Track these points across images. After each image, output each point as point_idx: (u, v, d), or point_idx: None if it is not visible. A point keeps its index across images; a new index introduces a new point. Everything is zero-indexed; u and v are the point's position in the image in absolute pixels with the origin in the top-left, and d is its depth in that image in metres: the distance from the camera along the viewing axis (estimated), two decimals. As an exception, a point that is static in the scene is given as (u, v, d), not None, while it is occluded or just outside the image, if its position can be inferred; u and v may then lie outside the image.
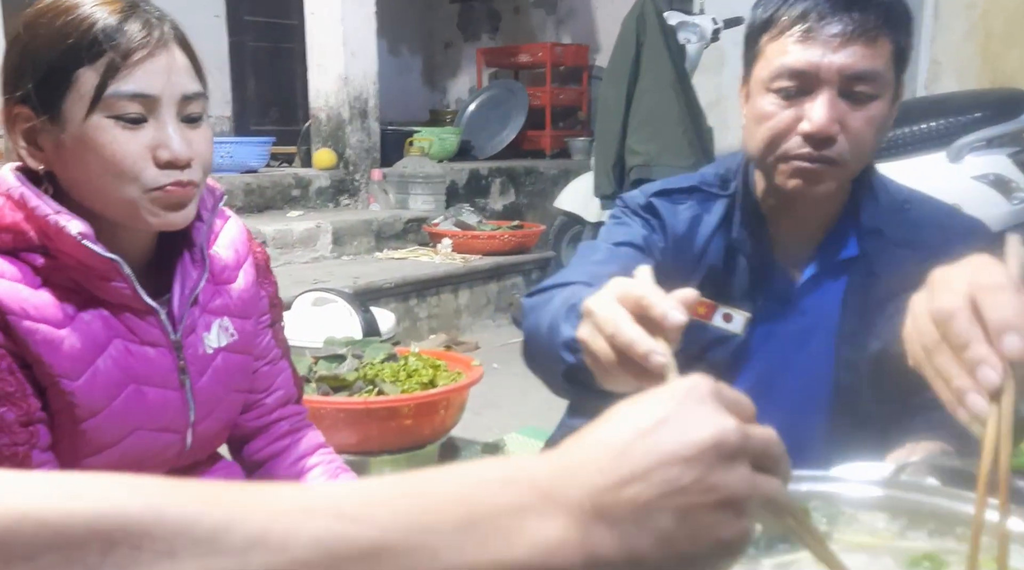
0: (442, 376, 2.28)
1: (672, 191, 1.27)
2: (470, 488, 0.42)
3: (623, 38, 3.64)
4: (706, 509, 0.42)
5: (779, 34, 1.11)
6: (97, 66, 0.93)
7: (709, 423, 0.43)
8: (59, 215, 0.95)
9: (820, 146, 1.09)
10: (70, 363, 0.97)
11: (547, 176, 5.65)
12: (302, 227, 4.00)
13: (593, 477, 0.42)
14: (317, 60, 4.73)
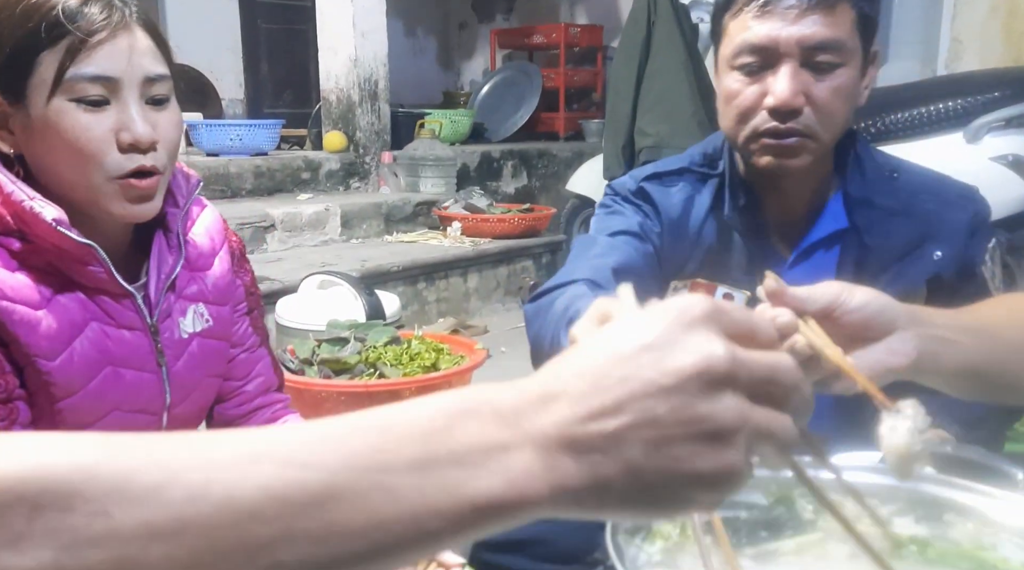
0: (445, 360, 2.26)
1: (662, 174, 1.27)
2: (427, 422, 0.39)
3: (634, 18, 3.59)
4: (683, 441, 0.39)
5: (738, 11, 1.11)
6: (57, 49, 0.93)
7: (694, 349, 0.39)
8: (34, 201, 0.95)
9: (786, 119, 1.09)
10: (47, 344, 0.98)
11: (560, 158, 5.60)
12: (311, 210, 3.99)
13: (563, 408, 0.39)
14: (327, 42, 4.71)
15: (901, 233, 1.18)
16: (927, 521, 0.77)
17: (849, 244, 1.19)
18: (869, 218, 1.18)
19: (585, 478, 0.39)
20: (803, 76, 1.08)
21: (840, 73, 1.09)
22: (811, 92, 1.09)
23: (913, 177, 1.23)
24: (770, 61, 1.09)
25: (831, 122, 1.11)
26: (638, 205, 1.25)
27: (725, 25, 1.14)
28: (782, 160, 1.12)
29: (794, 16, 1.07)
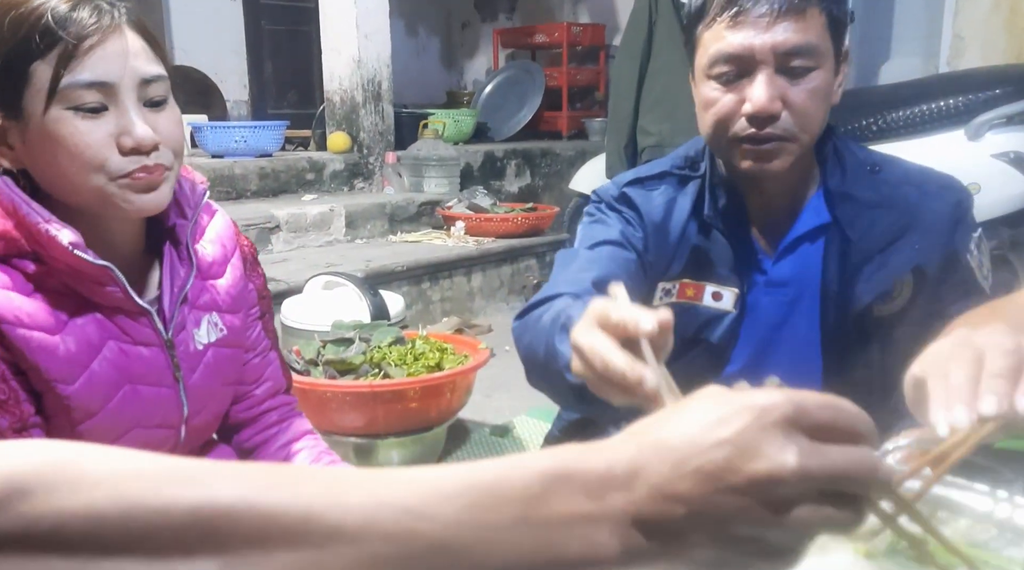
0: (449, 359, 2.28)
1: (644, 179, 1.29)
2: (526, 488, 0.44)
3: (635, 17, 3.59)
4: (743, 540, 0.43)
5: (711, 21, 1.13)
6: (50, 58, 0.91)
7: (767, 456, 0.42)
8: (50, 224, 0.94)
9: (764, 125, 1.11)
10: (65, 368, 0.97)
11: (564, 157, 5.61)
12: (316, 211, 4.01)
13: (641, 489, 0.43)
14: (331, 43, 4.72)
15: (883, 225, 1.20)
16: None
17: (832, 238, 1.21)
18: (851, 211, 1.20)
19: (654, 550, 0.44)
20: (779, 82, 1.10)
21: (814, 76, 1.11)
22: (787, 97, 1.11)
23: (894, 170, 1.25)
24: (746, 69, 1.11)
25: (808, 124, 1.13)
26: (620, 211, 1.27)
27: (699, 36, 1.16)
28: (763, 164, 1.14)
29: (766, 24, 1.08)
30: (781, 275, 1.24)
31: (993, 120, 3.09)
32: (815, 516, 0.43)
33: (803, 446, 0.43)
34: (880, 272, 1.19)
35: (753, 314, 1.24)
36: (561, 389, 0.99)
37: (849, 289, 1.20)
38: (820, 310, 1.22)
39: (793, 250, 1.23)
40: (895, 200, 1.20)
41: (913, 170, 1.26)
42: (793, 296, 1.24)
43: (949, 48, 4.79)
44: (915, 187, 1.22)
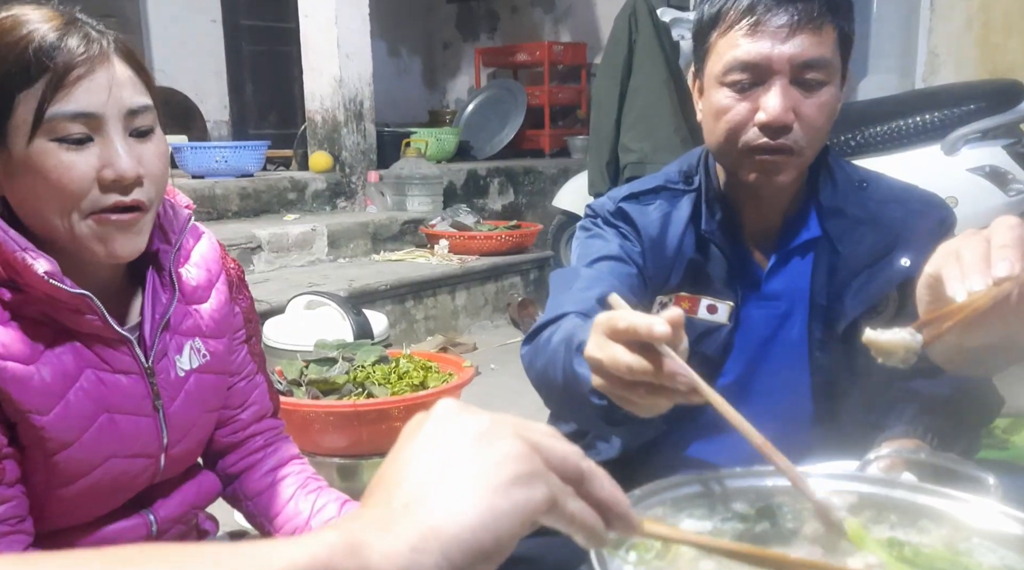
0: (433, 378, 2.27)
1: (639, 194, 1.29)
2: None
3: (615, 36, 3.63)
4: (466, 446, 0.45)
5: (728, 29, 1.13)
6: (36, 88, 0.89)
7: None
8: (26, 252, 0.92)
9: (776, 135, 1.12)
10: (40, 398, 0.95)
11: (546, 175, 5.64)
12: (297, 230, 4.00)
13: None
14: (312, 63, 4.73)
15: (870, 241, 1.21)
16: (902, 526, 0.79)
17: (822, 251, 1.22)
18: (840, 226, 1.21)
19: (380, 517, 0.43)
20: (792, 93, 1.11)
21: (825, 91, 1.12)
22: (800, 109, 1.11)
23: (881, 187, 1.26)
24: (761, 78, 1.11)
25: (816, 138, 1.14)
26: (617, 226, 1.27)
27: (713, 42, 1.16)
28: (770, 176, 1.15)
29: (785, 35, 1.09)
30: (773, 288, 1.25)
31: (968, 135, 3.14)
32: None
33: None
34: (867, 287, 1.20)
35: (746, 326, 1.24)
36: (587, 413, 0.98)
37: (837, 303, 1.21)
38: (808, 323, 1.23)
39: (785, 263, 1.24)
40: (881, 217, 1.22)
41: (898, 187, 1.28)
42: (785, 309, 1.25)
43: (924, 65, 4.87)
44: (900, 205, 1.24)
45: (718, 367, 1.25)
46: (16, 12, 0.93)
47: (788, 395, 1.26)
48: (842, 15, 1.13)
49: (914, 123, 3.25)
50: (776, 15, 1.10)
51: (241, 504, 1.25)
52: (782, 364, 1.25)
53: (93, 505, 1.05)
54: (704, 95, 1.20)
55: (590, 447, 1.36)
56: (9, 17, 0.93)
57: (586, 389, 0.93)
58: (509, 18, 7.25)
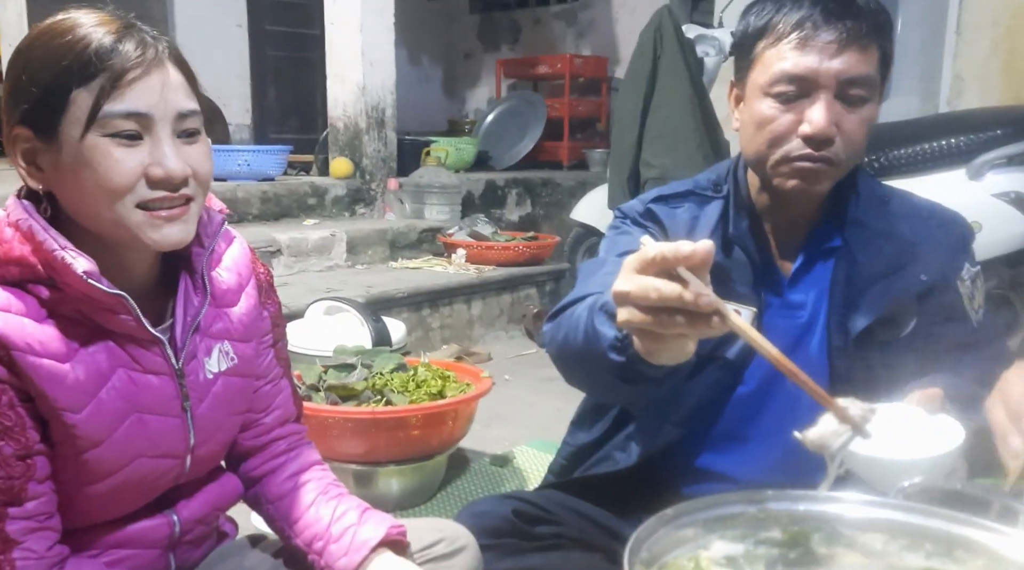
0: (451, 387, 2.27)
1: (668, 197, 1.32)
2: None
3: (640, 51, 3.63)
4: None
5: (776, 41, 1.15)
6: (92, 87, 0.93)
7: None
8: (66, 251, 0.94)
9: (820, 147, 1.15)
10: (73, 396, 0.97)
11: (564, 187, 5.64)
12: (317, 236, 4.01)
13: None
14: (336, 69, 4.76)
15: (888, 252, 1.24)
16: (937, 556, 0.78)
17: (841, 260, 1.24)
18: (861, 237, 1.24)
19: None
20: (836, 107, 1.14)
21: (867, 107, 1.15)
22: (842, 123, 1.14)
23: (902, 202, 1.29)
24: (806, 91, 1.14)
25: (855, 152, 1.17)
26: (645, 226, 1.29)
27: (759, 53, 1.18)
28: (809, 185, 1.18)
29: (834, 50, 1.12)
30: (796, 297, 1.27)
31: (994, 160, 3.12)
32: None
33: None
34: (883, 297, 1.22)
35: (769, 335, 1.23)
36: (603, 372, 1.00)
37: (853, 311, 1.23)
38: (827, 332, 1.25)
39: (807, 272, 1.26)
40: (902, 230, 1.24)
41: (921, 204, 1.30)
42: (808, 319, 1.26)
43: (949, 88, 4.85)
44: (922, 221, 1.26)
45: (739, 374, 1.26)
46: (74, 15, 0.97)
47: (808, 404, 1.27)
48: (885, 35, 1.16)
49: (939, 146, 3.23)
50: (826, 31, 1.12)
51: (262, 508, 1.25)
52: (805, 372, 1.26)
53: (119, 504, 1.06)
54: (745, 104, 1.22)
55: (607, 458, 1.36)
56: (68, 19, 0.96)
57: (606, 345, 0.96)
58: (531, 30, 7.28)
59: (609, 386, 1.08)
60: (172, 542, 1.13)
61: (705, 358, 1.25)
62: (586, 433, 1.44)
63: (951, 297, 1.24)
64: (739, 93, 1.25)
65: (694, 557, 0.77)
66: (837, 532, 0.82)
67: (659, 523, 0.77)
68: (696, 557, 0.77)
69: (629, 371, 0.96)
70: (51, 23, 0.98)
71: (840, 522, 0.83)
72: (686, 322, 0.77)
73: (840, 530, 0.82)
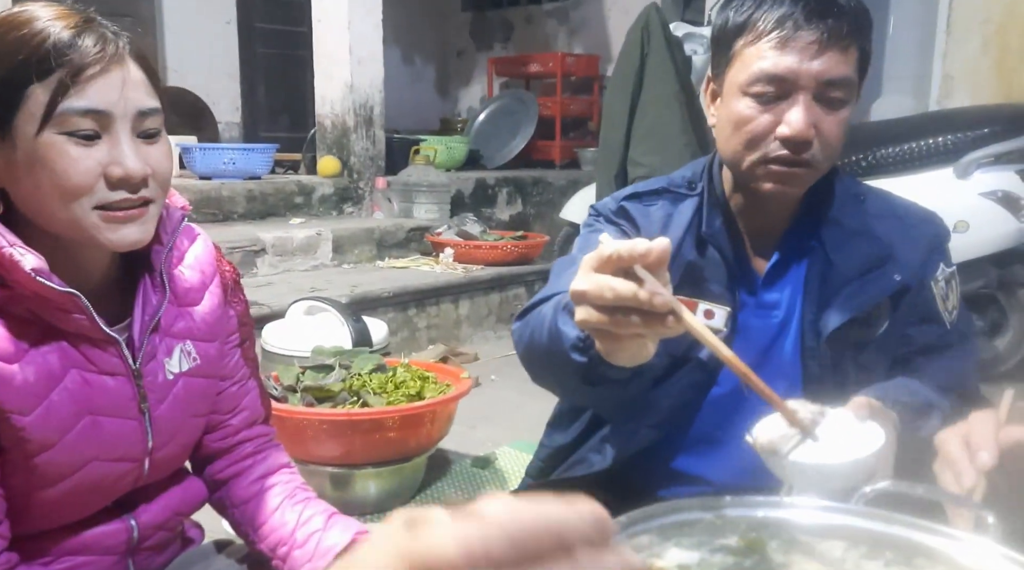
0: (430, 388, 2.25)
1: (642, 194, 1.30)
2: None
3: (627, 49, 3.62)
4: None
5: (756, 39, 1.12)
6: (48, 82, 0.90)
7: None
8: (14, 248, 0.92)
9: (798, 150, 1.12)
10: (22, 398, 0.94)
11: (556, 186, 5.63)
12: (303, 234, 3.99)
13: None
14: (323, 67, 4.74)
15: (863, 252, 1.22)
16: (897, 564, 0.76)
17: (816, 260, 1.22)
18: (835, 236, 1.22)
19: None
20: (815, 109, 1.11)
21: (845, 109, 1.13)
22: (820, 125, 1.12)
23: (878, 201, 1.27)
24: (785, 91, 1.11)
25: (831, 154, 1.15)
26: (618, 224, 1.27)
27: (738, 51, 1.15)
28: (785, 186, 1.15)
29: (814, 51, 1.09)
30: (771, 297, 1.26)
31: (981, 159, 3.11)
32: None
33: None
34: (856, 296, 1.21)
35: (743, 335, 1.24)
36: (567, 373, 0.99)
37: (826, 311, 1.21)
38: (800, 332, 1.23)
39: (783, 272, 1.25)
40: (876, 230, 1.23)
41: (897, 203, 1.29)
42: (782, 319, 1.25)
43: (939, 87, 4.84)
44: (897, 220, 1.25)
45: (713, 375, 1.25)
46: (31, 8, 0.94)
47: None
48: (865, 36, 1.13)
49: (927, 145, 3.22)
50: (807, 31, 1.09)
51: (227, 511, 1.23)
52: (777, 373, 1.25)
53: (74, 508, 1.04)
54: (723, 101, 1.19)
55: (582, 461, 1.35)
56: (25, 12, 0.94)
57: (568, 345, 0.96)
58: (523, 28, 7.26)
59: (574, 388, 1.07)
60: (131, 548, 1.11)
61: (679, 360, 1.23)
62: (562, 435, 1.43)
63: (925, 298, 1.23)
64: (716, 89, 1.22)
65: (647, 566, 0.76)
66: (795, 539, 0.80)
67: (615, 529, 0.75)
68: (649, 566, 0.76)
69: (591, 372, 0.95)
70: (6, 15, 0.95)
71: (798, 529, 0.81)
72: (642, 322, 0.76)
73: (798, 537, 0.80)
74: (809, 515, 0.82)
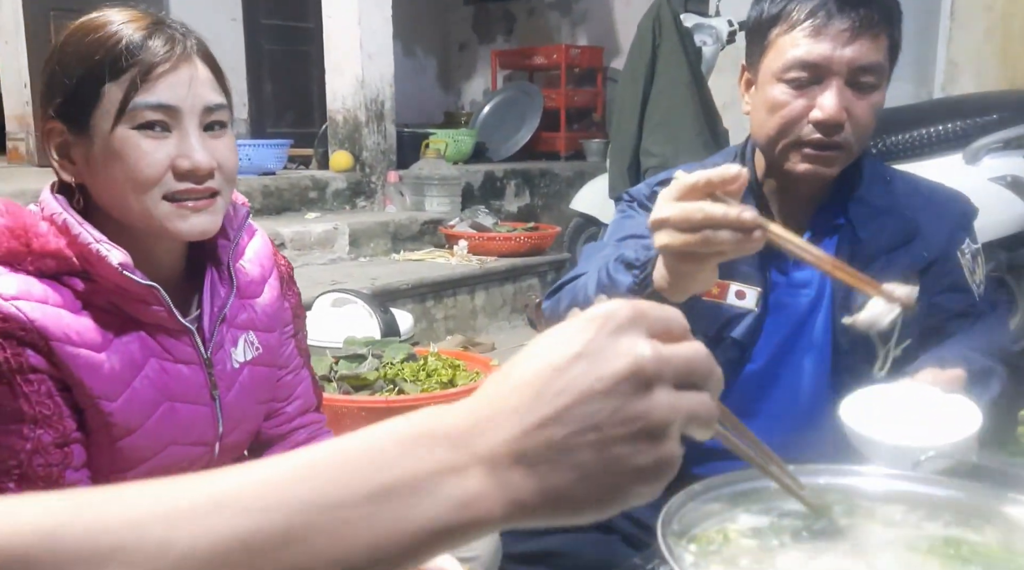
0: (461, 376, 2.30)
1: None
2: (380, 453, 0.41)
3: (639, 40, 3.65)
4: (623, 441, 0.41)
5: (790, 28, 1.19)
6: (122, 80, 0.96)
7: (623, 354, 0.41)
8: (100, 244, 0.97)
9: (830, 132, 1.18)
10: (109, 385, 1.00)
11: (562, 178, 5.66)
12: (320, 229, 4.03)
13: (510, 423, 0.41)
14: (334, 63, 4.77)
15: (890, 229, 1.27)
16: (957, 526, 0.81)
17: (845, 238, 1.28)
18: (863, 214, 1.27)
19: (536, 489, 0.40)
20: (847, 94, 1.17)
21: (876, 94, 1.19)
22: (852, 109, 1.18)
23: (906, 182, 1.33)
24: (819, 77, 1.17)
25: (864, 137, 1.21)
26: (650, 208, 1.31)
27: (773, 39, 1.21)
28: (819, 168, 1.21)
29: (847, 38, 1.15)
30: (801, 276, 1.30)
31: (991, 144, 3.16)
32: (678, 402, 0.42)
33: (652, 342, 0.43)
34: (884, 272, 1.24)
35: (776, 314, 1.29)
36: None
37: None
38: (832, 309, 1.28)
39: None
40: (904, 208, 1.28)
41: (923, 183, 1.35)
42: (813, 296, 1.30)
43: (943, 74, 4.88)
44: (924, 198, 1.30)
45: (746, 352, 1.30)
46: (106, 12, 1.01)
47: (813, 378, 1.32)
48: (894, 23, 1.19)
49: (936, 132, 3.27)
50: (839, 19, 1.15)
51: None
52: (809, 350, 1.30)
53: (150, 490, 1.09)
54: (757, 89, 1.25)
55: None
56: (100, 16, 1.00)
57: (624, 288, 1.03)
58: (526, 20, 7.27)
59: None
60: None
61: (712, 339, 1.28)
62: None
63: (952, 268, 1.28)
64: (750, 78, 1.28)
65: (722, 530, 0.81)
66: (857, 504, 0.85)
67: (688, 497, 0.81)
68: (724, 530, 0.81)
69: None
70: (84, 21, 1.01)
71: (860, 494, 0.86)
72: (730, 238, 0.84)
73: (860, 502, 0.85)
74: (869, 482, 0.88)
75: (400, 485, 0.40)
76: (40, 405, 0.96)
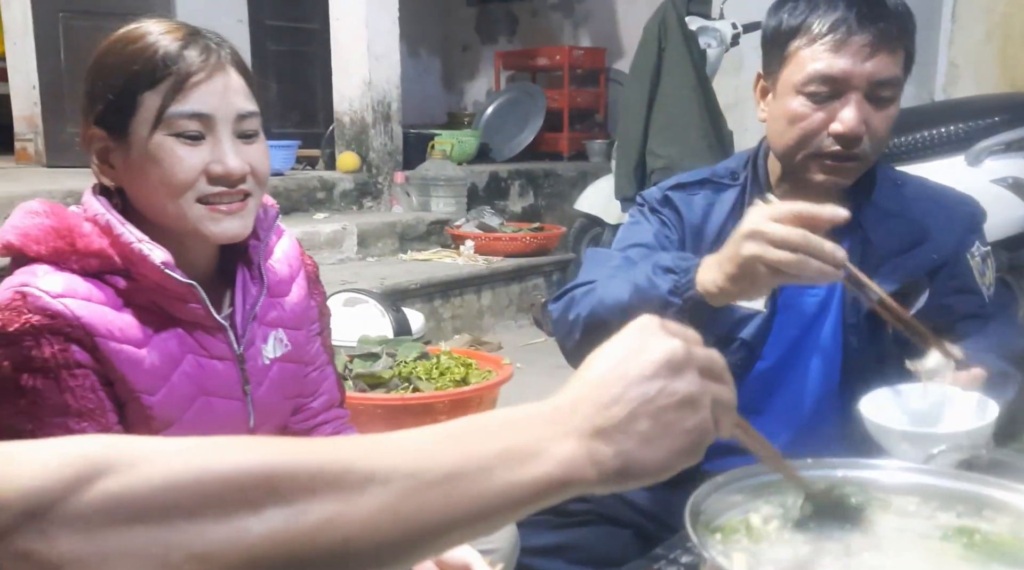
0: (474, 374, 2.34)
1: (686, 184, 1.38)
2: (507, 423, 0.55)
3: (645, 43, 3.69)
4: (671, 409, 0.55)
5: (811, 41, 1.21)
6: (159, 90, 1.01)
7: (660, 346, 0.57)
8: (142, 244, 1.02)
9: (850, 145, 1.21)
10: (149, 379, 1.04)
11: (565, 178, 5.70)
12: (328, 229, 4.07)
13: (587, 407, 0.55)
14: (341, 65, 4.80)
15: (900, 232, 1.29)
16: (969, 516, 0.85)
17: (855, 240, 1.29)
18: (873, 218, 1.29)
19: (614, 453, 0.54)
20: (866, 107, 1.20)
21: (892, 107, 1.22)
22: (870, 122, 1.20)
23: (916, 186, 1.35)
24: (838, 91, 1.20)
25: (879, 148, 1.24)
26: (662, 214, 1.35)
27: (792, 51, 1.23)
28: (837, 178, 1.24)
29: (867, 54, 1.18)
30: None
31: (992, 146, 3.19)
32: (706, 382, 0.57)
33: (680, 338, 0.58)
34: (894, 274, 1.27)
35: (786, 313, 1.32)
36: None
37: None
38: (841, 308, 1.31)
39: None
40: (913, 212, 1.30)
41: (933, 187, 1.37)
42: (823, 297, 1.32)
43: (944, 76, 4.91)
44: (934, 202, 1.32)
45: (756, 351, 1.32)
46: (144, 24, 1.05)
47: (819, 378, 1.34)
48: (910, 38, 1.22)
49: (938, 134, 3.30)
50: (859, 35, 1.17)
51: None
52: (819, 349, 1.33)
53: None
54: (775, 98, 1.27)
55: None
56: (139, 28, 1.05)
57: (664, 290, 1.09)
58: (528, 22, 7.31)
59: None
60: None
61: (722, 340, 1.31)
62: None
63: (961, 270, 1.30)
64: (767, 86, 1.30)
65: (745, 519, 0.85)
66: (872, 495, 0.89)
67: (712, 489, 0.84)
68: (747, 519, 0.85)
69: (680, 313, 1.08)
70: (123, 32, 1.06)
71: (875, 486, 0.90)
72: (818, 268, 0.94)
73: (875, 494, 0.89)
74: (884, 474, 0.91)
75: (522, 446, 0.54)
76: (84, 399, 1.00)
